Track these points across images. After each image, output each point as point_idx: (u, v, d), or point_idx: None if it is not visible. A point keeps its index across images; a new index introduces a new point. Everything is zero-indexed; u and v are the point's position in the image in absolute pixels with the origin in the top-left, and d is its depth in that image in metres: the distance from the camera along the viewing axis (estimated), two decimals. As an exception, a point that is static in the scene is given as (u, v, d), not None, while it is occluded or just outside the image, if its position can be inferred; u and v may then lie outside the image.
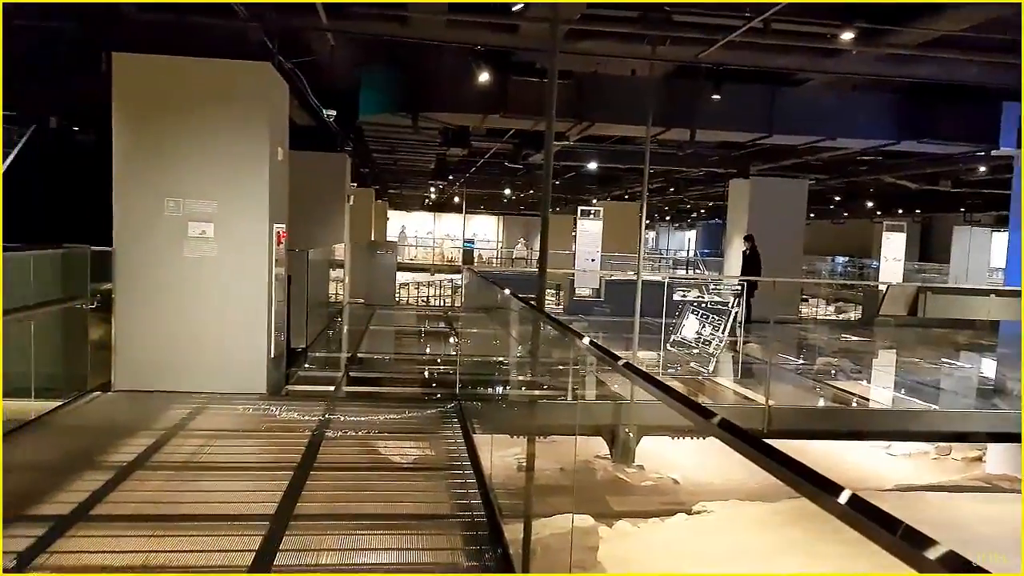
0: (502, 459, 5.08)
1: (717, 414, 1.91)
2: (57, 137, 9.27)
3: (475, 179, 23.00)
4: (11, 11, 6.23)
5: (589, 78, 10.26)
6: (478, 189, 27.98)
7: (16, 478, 4.66)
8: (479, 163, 18.22)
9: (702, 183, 21.33)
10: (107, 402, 6.42)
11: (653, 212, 34.94)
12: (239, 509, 4.15)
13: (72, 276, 6.52)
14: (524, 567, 3.46)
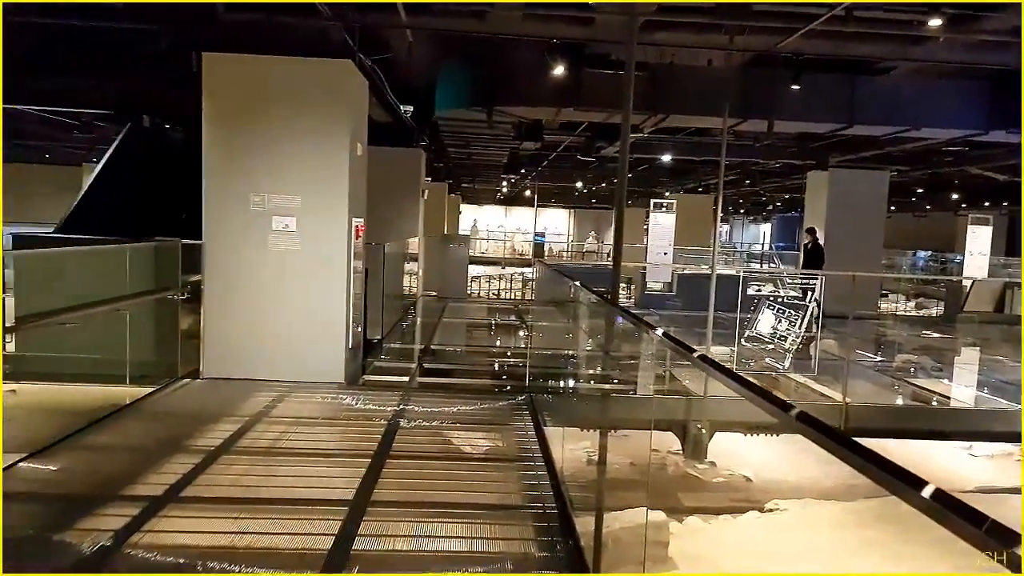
0: (572, 452, 5.13)
1: (795, 407, 1.88)
2: (151, 135, 9.66)
3: (547, 172, 23.02)
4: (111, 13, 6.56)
5: (664, 69, 10.18)
6: (550, 183, 27.98)
7: (112, 460, 4.94)
8: (551, 156, 18.25)
9: (779, 175, 20.90)
10: (196, 389, 6.71)
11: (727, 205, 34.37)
12: (319, 494, 4.29)
13: (164, 268, 6.84)
14: (595, 559, 3.51)
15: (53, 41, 7.65)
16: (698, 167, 20.31)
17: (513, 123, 12.26)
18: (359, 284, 7.39)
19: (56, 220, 9.35)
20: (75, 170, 21.70)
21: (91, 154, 19.06)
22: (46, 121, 12.77)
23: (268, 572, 3.32)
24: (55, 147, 18.21)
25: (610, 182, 25.54)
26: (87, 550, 3.45)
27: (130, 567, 3.34)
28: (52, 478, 4.49)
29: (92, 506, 4.00)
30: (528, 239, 37.40)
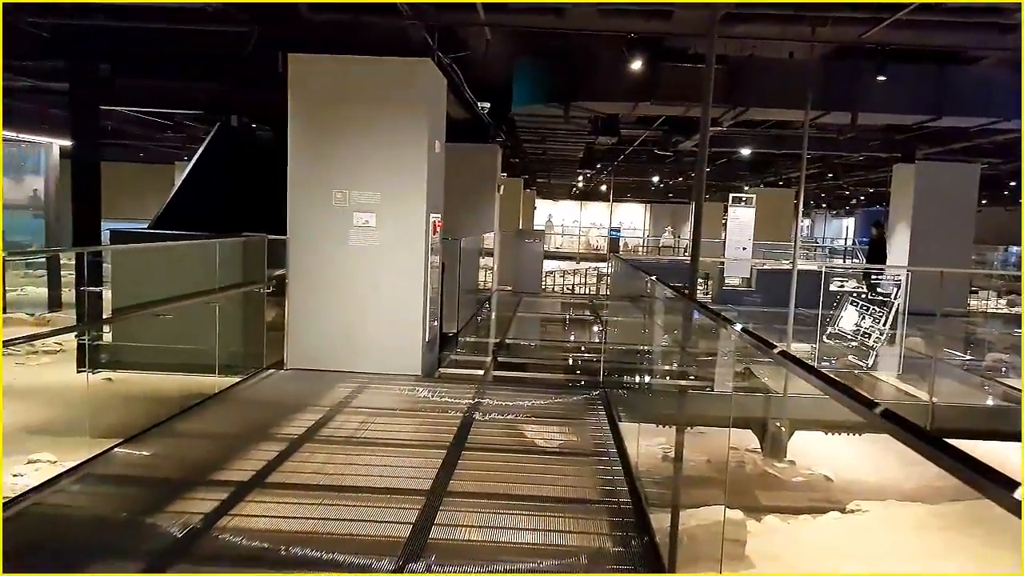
0: (647, 448, 5.10)
1: (880, 404, 1.82)
2: (238, 134, 9.99)
3: (623, 167, 22.86)
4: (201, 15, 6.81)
5: (744, 62, 10.00)
6: (625, 177, 27.77)
7: (202, 446, 5.15)
8: (627, 151, 18.12)
9: (863, 168, 20.27)
10: (280, 379, 6.93)
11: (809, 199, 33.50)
12: (397, 483, 4.38)
13: (251, 263, 7.09)
14: (671, 556, 3.50)
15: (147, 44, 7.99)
16: (778, 160, 19.86)
17: (589, 118, 12.23)
18: (436, 279, 7.51)
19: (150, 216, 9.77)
20: (167, 168, 22.62)
21: (182, 153, 19.82)
22: (141, 122, 13.35)
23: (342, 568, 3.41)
24: (149, 146, 18.99)
25: (687, 176, 25.22)
26: (178, 532, 3.60)
27: (218, 550, 3.47)
28: (145, 462, 4.70)
29: (183, 490, 4.17)
30: (603, 234, 37.22)
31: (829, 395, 2.02)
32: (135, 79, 9.27)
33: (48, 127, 13.56)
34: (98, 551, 3.44)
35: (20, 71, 9.00)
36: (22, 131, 13.82)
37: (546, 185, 33.24)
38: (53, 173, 15.44)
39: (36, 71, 9.06)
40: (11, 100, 10.90)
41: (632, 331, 8.72)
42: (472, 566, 3.35)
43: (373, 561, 3.35)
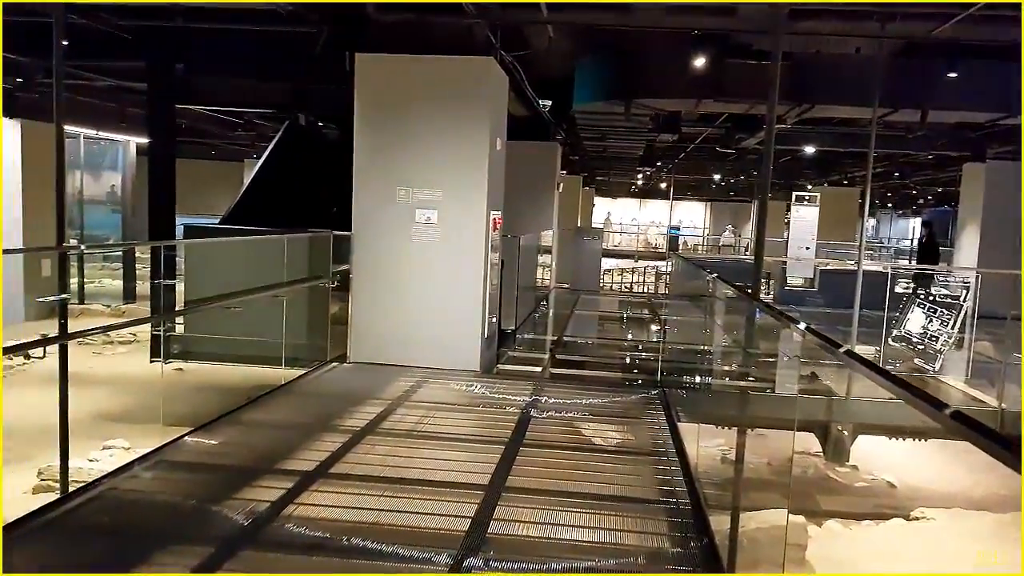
0: (706, 449, 5.08)
1: (949, 405, 1.77)
2: (306, 132, 10.21)
3: (683, 165, 22.63)
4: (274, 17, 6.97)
5: (810, 58, 9.81)
6: (686, 175, 27.48)
7: (268, 436, 5.29)
8: (688, 148, 17.93)
9: (931, 167, 19.68)
10: (343, 372, 7.06)
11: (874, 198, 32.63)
12: (457, 477, 4.43)
13: (317, 258, 7.25)
14: (730, 558, 3.48)
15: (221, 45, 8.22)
16: (843, 159, 19.42)
17: (650, 115, 12.14)
18: (495, 275, 7.56)
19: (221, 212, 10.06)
20: (237, 165, 23.19)
21: (252, 151, 20.30)
22: (214, 120, 13.72)
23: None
24: (221, 144, 19.49)
25: (749, 174, 24.84)
26: (245, 519, 3.71)
27: (282, 537, 3.56)
28: (214, 451, 4.83)
29: (250, 478, 4.30)
30: (662, 232, 36.87)
31: (896, 396, 1.97)
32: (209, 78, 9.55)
33: (126, 125, 14.06)
34: (168, 535, 3.56)
35: (102, 71, 9.37)
36: (102, 129, 14.34)
37: (605, 183, 33.06)
38: (130, 169, 15.98)
39: (117, 71, 9.42)
40: (92, 99, 11.35)
41: (692, 330, 8.65)
42: (530, 562, 3.38)
43: (432, 554, 3.40)
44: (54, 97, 4.51)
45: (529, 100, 9.98)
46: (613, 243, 35.54)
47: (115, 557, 3.32)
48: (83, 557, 3.39)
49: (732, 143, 14.70)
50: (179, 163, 8.89)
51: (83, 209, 14.77)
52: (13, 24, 7.89)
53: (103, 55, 7.98)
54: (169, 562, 3.26)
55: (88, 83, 9.89)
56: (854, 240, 20.29)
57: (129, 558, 3.27)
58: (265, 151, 10.34)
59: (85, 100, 11.34)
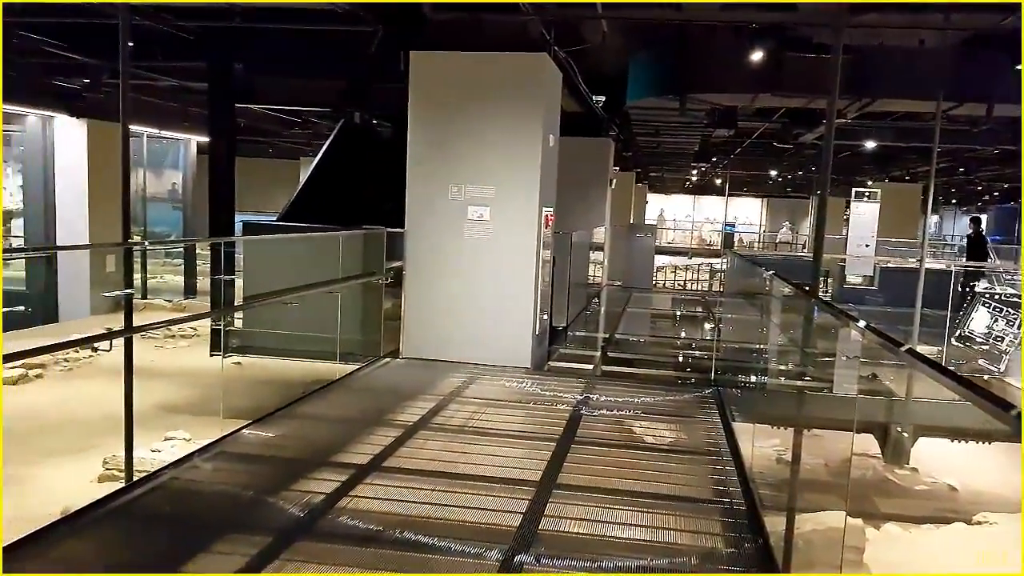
0: (760, 449, 5.01)
1: (1016, 405, 1.67)
2: (360, 130, 10.33)
3: (739, 160, 22.31)
4: (331, 16, 7.06)
5: (872, 51, 9.57)
6: (741, 171, 27.10)
7: (323, 429, 5.38)
8: (744, 144, 17.67)
9: (997, 163, 19.08)
10: (396, 368, 7.14)
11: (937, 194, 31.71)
12: (508, 473, 4.45)
13: (370, 255, 7.33)
14: (786, 560, 3.43)
15: (279, 44, 8.36)
16: (905, 154, 18.92)
17: (706, 110, 11.99)
18: (547, 272, 7.56)
19: (277, 209, 10.24)
20: (294, 163, 23.60)
21: (308, 149, 20.63)
22: (272, 118, 13.98)
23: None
24: (277, 142, 19.86)
25: (807, 170, 24.39)
26: (301, 511, 3.77)
27: (337, 528, 3.61)
28: (271, 443, 4.93)
29: (305, 470, 4.37)
30: (717, 229, 36.43)
31: (960, 396, 1.90)
32: (267, 78, 9.73)
33: (188, 124, 14.42)
34: (227, 524, 3.65)
35: (165, 71, 9.62)
36: (164, 128, 14.73)
37: (659, 179, 32.80)
38: (191, 168, 16.39)
39: (179, 71, 9.67)
40: (155, 98, 11.66)
41: (747, 329, 8.54)
42: (581, 559, 3.38)
43: (484, 549, 3.41)
44: (120, 97, 4.65)
45: (582, 96, 9.94)
46: (666, 240, 35.24)
47: (177, 545, 3.41)
48: (146, 544, 3.50)
49: (789, 138, 14.46)
50: (238, 161, 9.08)
51: (146, 206, 15.19)
52: (79, 26, 8.15)
53: (166, 56, 8.19)
54: (228, 551, 3.34)
55: (151, 83, 10.16)
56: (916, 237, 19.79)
57: (190, 546, 3.35)
58: (321, 149, 10.49)
59: (148, 100, 11.67)
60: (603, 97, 10.48)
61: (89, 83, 9.89)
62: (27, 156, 12.96)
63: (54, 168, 12.74)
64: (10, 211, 14.70)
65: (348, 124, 10.27)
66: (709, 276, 23.54)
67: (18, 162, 13.80)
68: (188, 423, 6.93)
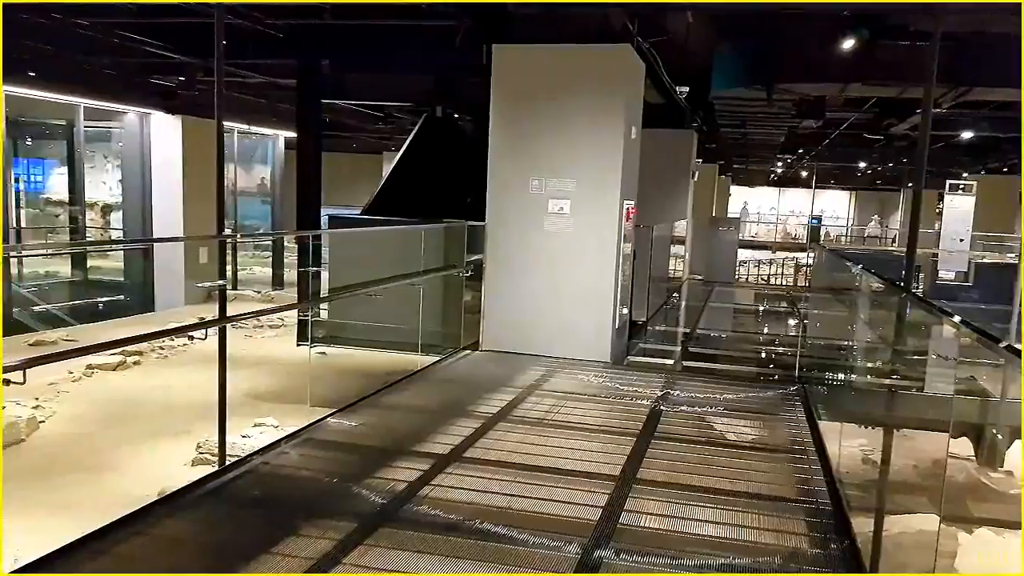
0: (846, 449, 4.88)
1: None
2: (442, 125, 10.45)
3: (826, 152, 21.66)
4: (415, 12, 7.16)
5: (972, 38, 9.15)
6: (829, 162, 26.29)
7: (405, 419, 5.47)
8: (833, 135, 17.15)
9: (1104, 152, 17.99)
10: (475, 360, 7.20)
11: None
12: (587, 467, 4.44)
13: (451, 248, 7.42)
14: (874, 563, 3.33)
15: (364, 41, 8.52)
16: (1002, 145, 18.04)
17: (793, 101, 11.70)
18: (627, 266, 7.51)
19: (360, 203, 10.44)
20: (376, 158, 24.02)
21: (390, 143, 20.97)
22: (356, 114, 14.27)
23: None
24: (361, 137, 20.24)
25: (898, 162, 23.50)
26: (384, 498, 3.85)
27: (418, 517, 3.67)
28: (355, 432, 5.04)
29: (388, 459, 4.47)
30: (803, 222, 35.47)
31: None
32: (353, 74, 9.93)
33: (276, 120, 14.84)
34: (313, 509, 3.75)
35: (255, 68, 9.93)
36: (254, 124, 15.20)
37: (742, 171, 32.11)
38: (279, 163, 16.88)
39: (269, 68, 9.96)
40: (245, 95, 12.04)
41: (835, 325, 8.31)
42: (662, 556, 3.35)
43: (563, 542, 3.42)
44: (215, 94, 4.80)
45: (665, 87, 9.81)
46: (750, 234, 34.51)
47: (267, 527, 3.53)
48: (239, 525, 3.64)
49: (880, 129, 13.98)
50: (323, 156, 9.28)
51: (236, 200, 15.70)
52: (175, 25, 8.47)
53: (256, 53, 8.44)
54: (315, 534, 3.43)
55: (242, 80, 10.48)
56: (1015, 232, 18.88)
57: (280, 528, 3.47)
58: (403, 144, 10.65)
59: (239, 96, 12.05)
60: (687, 88, 10.31)
61: (184, 81, 10.26)
62: (125, 152, 13.56)
63: (150, 163, 13.30)
64: (109, 205, 15.43)
65: (430, 119, 10.40)
66: (794, 271, 22.99)
67: (117, 157, 14.46)
68: (275, 410, 7.14)
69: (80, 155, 12.94)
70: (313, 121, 8.91)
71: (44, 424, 7.01)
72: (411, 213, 8.12)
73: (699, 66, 9.94)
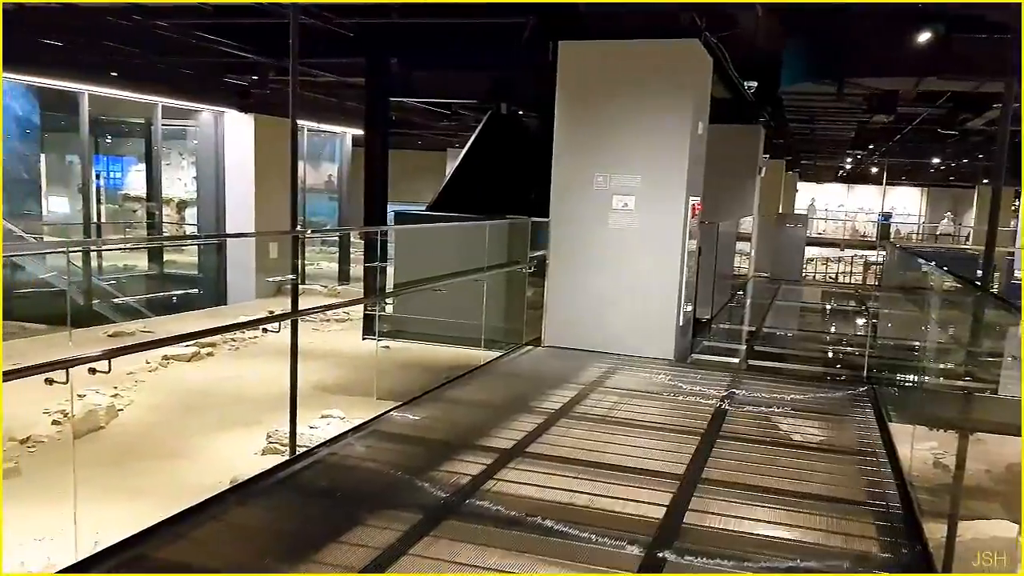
0: (917, 452, 4.76)
1: None
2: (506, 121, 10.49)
3: (897, 148, 21.05)
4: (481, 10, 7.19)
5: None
6: (900, 158, 25.56)
7: (468, 413, 5.54)
8: (905, 130, 16.67)
9: None
10: (538, 356, 7.23)
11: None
12: (651, 465, 4.42)
13: (515, 244, 7.46)
14: (946, 569, 3.25)
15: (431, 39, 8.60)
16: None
17: (864, 95, 11.41)
18: (692, 263, 7.44)
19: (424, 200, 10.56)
20: (441, 155, 24.23)
21: (454, 140, 21.13)
22: (422, 111, 14.42)
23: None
24: (426, 134, 20.45)
25: (973, 158, 22.72)
26: (448, 493, 3.90)
27: (482, 510, 3.71)
28: (419, 425, 5.12)
29: (451, 452, 4.52)
30: (872, 219, 34.57)
31: None
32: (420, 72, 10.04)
33: (343, 118, 15.09)
34: (379, 500, 3.82)
35: (325, 67, 10.13)
36: (322, 121, 15.49)
37: (810, 167, 31.43)
38: (346, 159, 17.16)
39: (337, 67, 10.14)
40: (315, 93, 12.29)
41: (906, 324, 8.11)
42: (727, 557, 3.31)
43: (626, 540, 3.40)
44: (290, 93, 4.90)
45: (733, 81, 9.67)
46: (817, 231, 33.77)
47: (335, 516, 3.62)
48: (307, 514, 3.74)
49: (955, 124, 13.56)
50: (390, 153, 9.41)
51: (304, 197, 16.04)
52: (248, 26, 8.69)
53: (327, 52, 8.60)
54: (382, 524, 3.50)
55: (312, 79, 10.70)
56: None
57: (347, 518, 3.55)
58: (468, 140, 10.72)
59: (308, 95, 12.30)
60: (755, 83, 10.14)
61: (257, 80, 10.51)
62: (200, 149, 13.97)
63: (224, 161, 13.67)
64: (184, 200, 15.93)
65: (495, 115, 10.45)
66: (863, 269, 22.45)
67: (192, 155, 14.91)
68: (341, 402, 7.28)
69: (157, 152, 13.40)
70: (381, 118, 9.03)
71: (122, 412, 7.29)
72: (475, 209, 8.19)
73: (768, 60, 9.78)
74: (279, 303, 12.15)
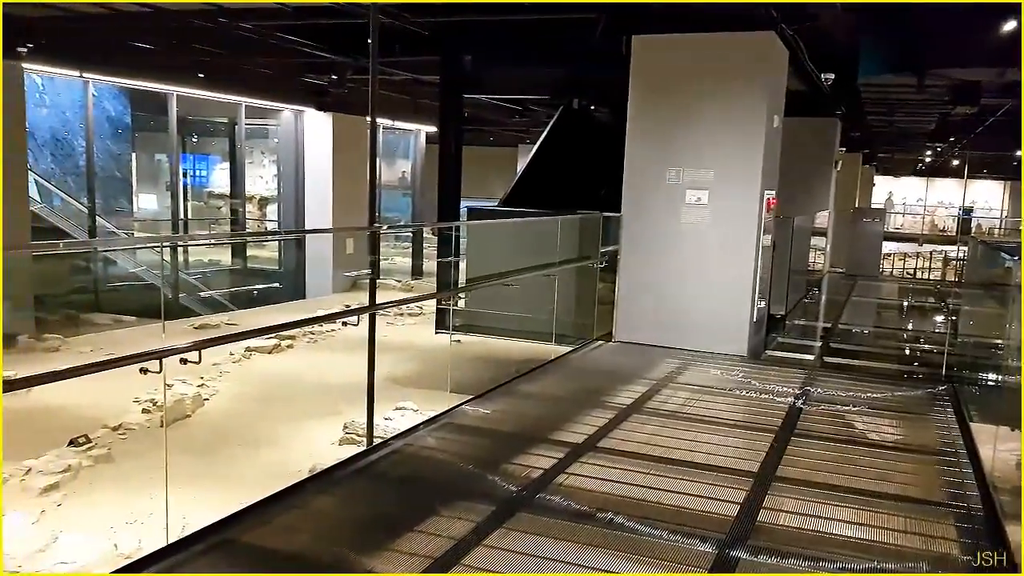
0: (1000, 452, 4.63)
1: None
2: (578, 117, 10.51)
3: (979, 140, 20.27)
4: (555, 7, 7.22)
5: None
6: (982, 151, 24.58)
7: (539, 407, 5.60)
8: (988, 122, 16.06)
9: None
10: (608, 351, 7.25)
11: None
12: (724, 462, 4.40)
13: (587, 239, 7.49)
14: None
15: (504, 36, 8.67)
16: None
17: (946, 86, 11.06)
18: (767, 258, 7.35)
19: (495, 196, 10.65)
20: (512, 151, 24.35)
21: (526, 136, 21.20)
22: (495, 108, 14.53)
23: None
24: (498, 131, 20.57)
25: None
26: (519, 486, 3.96)
27: (554, 504, 3.75)
28: (491, 418, 5.19)
29: (523, 446, 4.59)
30: (952, 214, 33.34)
31: None
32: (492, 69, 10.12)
33: (417, 115, 15.31)
34: (453, 491, 3.90)
35: (401, 66, 10.32)
36: (396, 119, 15.74)
37: (888, 160, 30.47)
38: (419, 156, 17.41)
39: (411, 65, 10.31)
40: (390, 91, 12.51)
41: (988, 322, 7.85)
42: (802, 557, 3.28)
43: (698, 538, 3.40)
44: (370, 92, 5.02)
45: (809, 74, 9.47)
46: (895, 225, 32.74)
47: (410, 505, 3.71)
48: (383, 503, 3.86)
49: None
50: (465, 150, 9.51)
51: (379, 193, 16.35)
52: (327, 27, 8.90)
53: (402, 51, 8.75)
54: (455, 515, 3.58)
55: (387, 77, 10.89)
56: None
57: (422, 507, 3.64)
58: (540, 136, 10.77)
59: (383, 93, 12.52)
60: (832, 75, 9.91)
61: (335, 79, 10.75)
62: (281, 148, 14.38)
63: (304, 159, 14.04)
64: (266, 197, 16.42)
65: (567, 110, 10.47)
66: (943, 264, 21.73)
67: (273, 153, 15.35)
68: (415, 395, 7.42)
69: (241, 151, 13.84)
70: (454, 116, 9.14)
71: (208, 402, 7.59)
72: (546, 205, 8.24)
73: (845, 52, 9.55)
74: (354, 297, 12.44)
